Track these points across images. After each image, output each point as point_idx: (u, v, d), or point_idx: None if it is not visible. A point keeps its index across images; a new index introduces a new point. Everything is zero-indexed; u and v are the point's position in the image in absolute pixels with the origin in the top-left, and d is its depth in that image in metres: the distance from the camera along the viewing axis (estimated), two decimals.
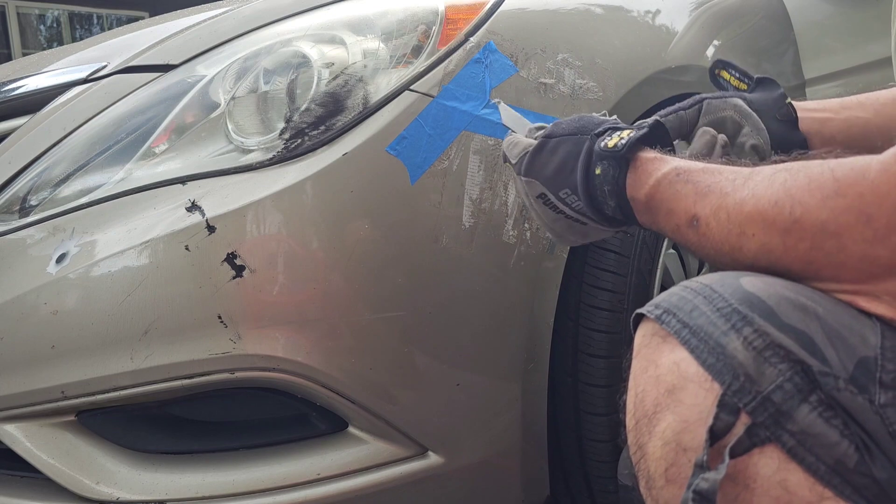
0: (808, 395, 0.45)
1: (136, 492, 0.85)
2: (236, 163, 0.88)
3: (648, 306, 0.55)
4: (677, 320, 0.51)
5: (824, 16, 1.73)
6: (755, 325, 0.47)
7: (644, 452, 0.51)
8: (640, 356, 0.54)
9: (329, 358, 0.84)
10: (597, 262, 1.02)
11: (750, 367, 0.46)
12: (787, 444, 0.45)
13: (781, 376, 0.46)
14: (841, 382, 0.46)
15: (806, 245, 0.50)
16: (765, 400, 0.46)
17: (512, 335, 0.95)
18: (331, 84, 0.90)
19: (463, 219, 0.90)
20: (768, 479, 0.45)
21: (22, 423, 0.87)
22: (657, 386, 0.50)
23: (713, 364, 0.48)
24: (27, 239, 0.88)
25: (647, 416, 0.51)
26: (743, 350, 0.47)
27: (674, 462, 0.48)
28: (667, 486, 0.49)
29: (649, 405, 0.50)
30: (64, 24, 10.25)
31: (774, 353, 0.46)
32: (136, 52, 1.02)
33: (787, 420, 0.45)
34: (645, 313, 0.54)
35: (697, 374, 0.48)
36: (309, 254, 0.84)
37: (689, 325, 0.50)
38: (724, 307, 0.49)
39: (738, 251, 0.54)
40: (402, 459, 0.89)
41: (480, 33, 0.98)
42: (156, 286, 0.82)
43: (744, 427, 0.46)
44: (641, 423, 0.51)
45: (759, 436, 0.46)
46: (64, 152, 0.93)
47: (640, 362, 0.54)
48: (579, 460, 1.06)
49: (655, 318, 0.53)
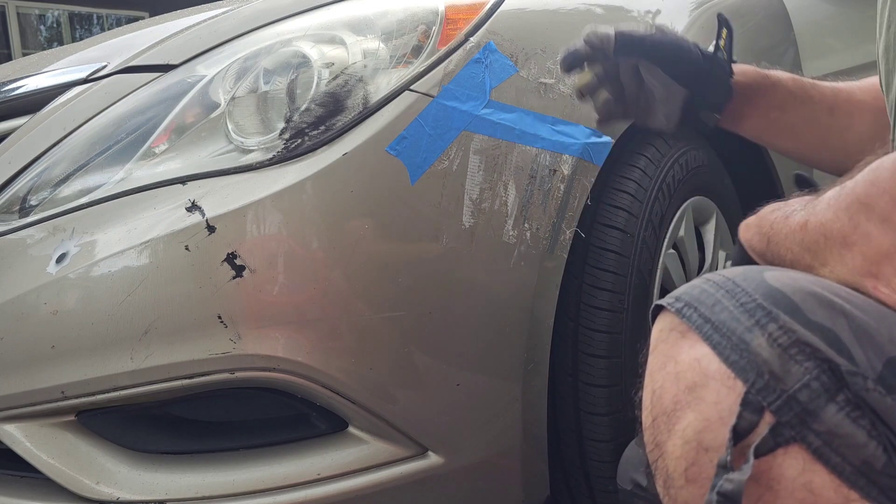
0: (835, 394, 0.44)
1: (136, 492, 0.85)
2: (236, 163, 0.88)
3: (669, 298, 0.53)
4: (698, 314, 0.50)
5: (824, 16, 1.73)
6: (780, 322, 0.46)
7: (662, 451, 0.49)
8: (658, 351, 0.52)
9: (329, 358, 0.84)
10: (597, 262, 1.03)
11: (775, 364, 0.45)
12: (813, 445, 0.44)
13: (808, 375, 0.44)
14: (869, 382, 0.44)
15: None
16: (790, 399, 0.44)
17: (512, 335, 0.95)
18: (331, 84, 0.90)
19: (463, 219, 0.90)
20: (793, 481, 0.44)
21: (22, 423, 0.87)
22: (677, 383, 0.49)
23: (736, 361, 0.46)
24: (27, 239, 0.88)
25: (665, 413, 0.49)
26: (767, 347, 0.46)
27: (694, 461, 0.47)
28: (686, 486, 0.47)
29: (668, 402, 0.49)
30: (64, 24, 10.26)
31: (800, 350, 0.45)
32: (136, 52, 1.02)
33: (813, 420, 0.44)
34: (665, 305, 0.53)
35: (720, 371, 0.47)
36: (309, 254, 0.83)
37: (712, 320, 0.49)
38: (748, 302, 0.48)
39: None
40: (402, 459, 0.89)
41: (480, 33, 0.98)
42: (156, 286, 0.82)
43: (768, 427, 0.44)
44: (660, 421, 0.50)
45: (783, 435, 0.44)
46: (64, 152, 0.93)
47: (657, 357, 0.52)
48: (579, 460, 1.06)
49: (676, 312, 0.51)
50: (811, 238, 0.52)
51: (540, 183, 0.96)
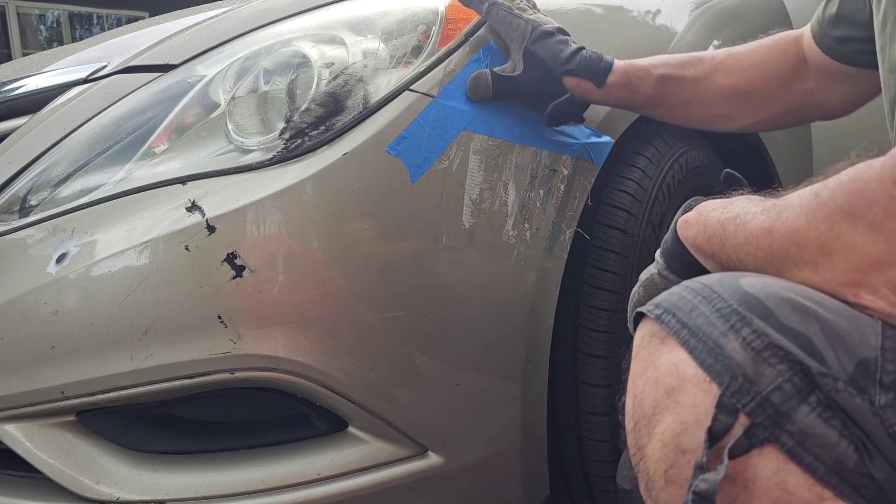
0: (807, 395, 0.45)
1: (136, 492, 0.85)
2: (236, 163, 0.88)
3: (649, 305, 0.54)
4: (676, 320, 0.51)
5: None
6: (754, 326, 0.47)
7: (643, 454, 0.51)
8: (639, 357, 0.54)
9: (329, 358, 0.84)
10: (597, 263, 1.03)
11: (748, 367, 0.46)
12: (786, 445, 0.45)
13: (780, 377, 0.46)
14: (840, 383, 0.45)
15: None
16: (763, 401, 0.46)
17: (512, 335, 0.95)
18: (331, 84, 0.90)
19: (463, 219, 0.90)
20: (767, 480, 0.45)
21: (22, 423, 0.87)
22: (656, 387, 0.50)
23: (711, 365, 0.47)
24: (27, 239, 0.88)
25: (646, 417, 0.50)
26: (741, 351, 0.47)
27: (673, 463, 0.48)
28: (666, 488, 0.49)
29: (648, 407, 0.50)
30: (64, 24, 10.26)
31: (773, 353, 0.46)
32: (136, 52, 1.02)
33: (785, 421, 0.45)
34: (645, 312, 0.54)
35: (696, 375, 0.48)
36: (309, 254, 0.83)
37: (689, 325, 0.50)
38: (723, 307, 0.49)
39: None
40: (402, 459, 0.89)
41: (480, 33, 0.98)
42: (156, 286, 0.82)
43: (742, 428, 0.46)
44: (640, 425, 0.51)
45: (757, 437, 0.46)
46: (64, 152, 0.93)
47: (638, 363, 0.53)
48: (579, 460, 1.06)
49: (655, 318, 0.53)
50: (780, 245, 0.52)
51: (540, 183, 0.96)
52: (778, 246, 0.52)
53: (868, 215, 0.47)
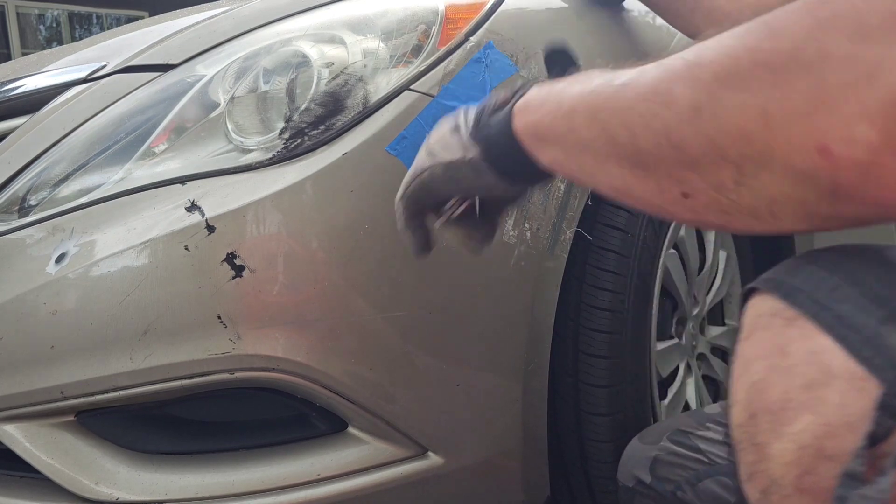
0: None
1: (135, 492, 0.85)
2: (236, 163, 0.87)
3: (768, 281, 0.46)
4: (812, 300, 0.43)
5: None
6: None
7: (766, 453, 0.43)
8: (756, 339, 0.45)
9: (329, 358, 0.84)
10: (597, 263, 1.02)
11: None
12: None
13: None
14: None
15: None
16: None
17: (512, 335, 0.95)
18: (331, 84, 0.89)
19: None
20: None
21: (21, 423, 0.87)
22: (788, 378, 0.43)
23: (870, 358, 0.40)
24: (26, 239, 0.88)
25: (770, 411, 0.43)
26: None
27: (811, 470, 0.41)
28: (796, 495, 0.42)
29: (775, 399, 0.43)
30: (64, 24, 10.26)
31: None
32: (135, 52, 1.02)
33: None
34: (764, 288, 0.46)
35: (847, 369, 0.41)
36: (309, 254, 0.83)
37: (832, 308, 0.42)
38: (879, 289, 0.42)
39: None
40: (402, 460, 0.89)
41: (480, 33, 0.97)
42: (155, 286, 0.82)
43: None
44: (762, 419, 0.44)
45: None
46: (63, 152, 0.92)
47: (756, 346, 0.45)
48: (580, 461, 1.06)
49: (781, 296, 0.44)
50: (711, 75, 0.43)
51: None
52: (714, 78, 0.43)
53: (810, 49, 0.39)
